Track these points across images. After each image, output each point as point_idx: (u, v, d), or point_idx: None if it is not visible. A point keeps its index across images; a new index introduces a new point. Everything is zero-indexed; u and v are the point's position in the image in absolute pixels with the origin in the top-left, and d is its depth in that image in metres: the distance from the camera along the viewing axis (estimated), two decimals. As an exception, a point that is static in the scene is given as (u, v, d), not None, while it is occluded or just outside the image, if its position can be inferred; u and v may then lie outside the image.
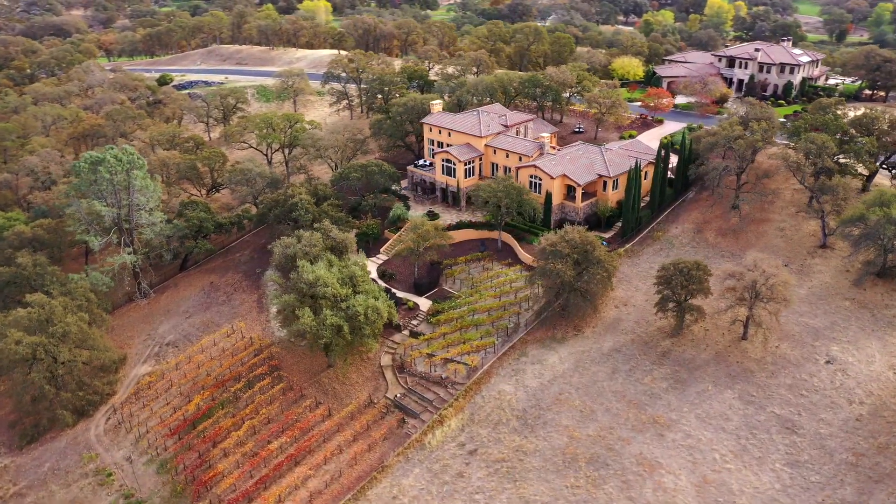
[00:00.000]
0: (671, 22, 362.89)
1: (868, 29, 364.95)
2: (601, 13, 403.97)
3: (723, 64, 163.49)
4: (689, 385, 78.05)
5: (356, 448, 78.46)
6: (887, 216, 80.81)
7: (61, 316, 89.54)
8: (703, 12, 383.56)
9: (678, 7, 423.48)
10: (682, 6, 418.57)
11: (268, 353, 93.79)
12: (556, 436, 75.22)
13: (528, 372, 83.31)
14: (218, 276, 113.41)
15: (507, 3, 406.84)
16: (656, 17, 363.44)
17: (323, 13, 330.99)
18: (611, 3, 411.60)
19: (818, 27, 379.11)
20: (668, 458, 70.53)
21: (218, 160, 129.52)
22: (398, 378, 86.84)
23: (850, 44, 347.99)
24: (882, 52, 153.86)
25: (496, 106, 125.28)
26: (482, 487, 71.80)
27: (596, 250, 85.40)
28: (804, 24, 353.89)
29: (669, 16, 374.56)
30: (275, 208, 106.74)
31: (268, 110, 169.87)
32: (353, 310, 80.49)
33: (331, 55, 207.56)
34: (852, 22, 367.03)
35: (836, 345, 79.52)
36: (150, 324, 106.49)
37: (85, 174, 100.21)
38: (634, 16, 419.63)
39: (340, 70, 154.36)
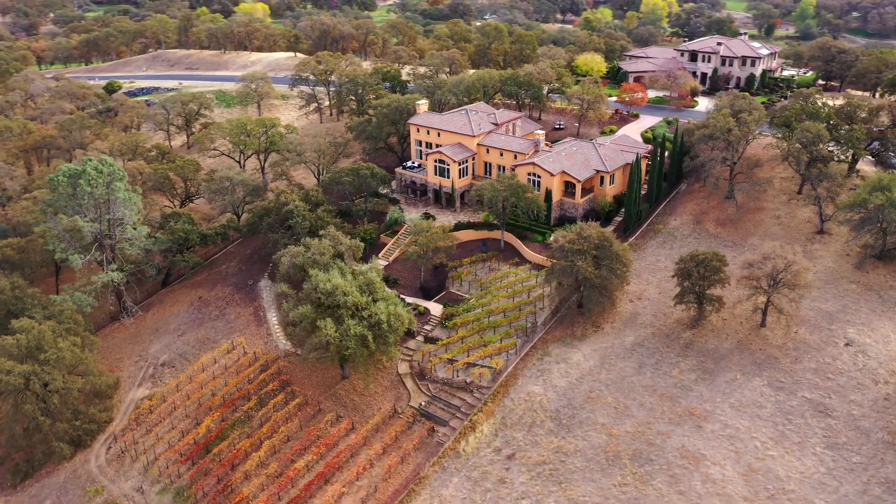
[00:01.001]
0: (610, 19, 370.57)
1: (794, 23, 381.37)
2: (539, 11, 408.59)
3: (685, 58, 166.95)
4: (718, 375, 78.68)
5: (388, 461, 75.80)
6: (890, 200, 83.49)
7: (51, 341, 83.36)
8: (639, 10, 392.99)
9: (612, 5, 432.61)
10: (616, 4, 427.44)
11: (276, 367, 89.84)
12: (594, 434, 74.50)
13: (555, 371, 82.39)
14: (206, 290, 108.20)
15: (446, 3, 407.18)
16: (595, 15, 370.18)
17: (261, 16, 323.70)
18: (549, 2, 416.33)
19: (746, 22, 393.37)
20: (711, 450, 70.76)
21: (191, 169, 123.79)
22: (419, 386, 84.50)
23: (779, 38, 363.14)
24: (836, 44, 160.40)
25: (481, 104, 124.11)
26: (527, 492, 70.41)
27: (613, 245, 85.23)
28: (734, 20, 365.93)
29: (608, 13, 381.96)
30: (267, 216, 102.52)
31: (231, 116, 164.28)
32: (375, 317, 77.76)
33: (287, 57, 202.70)
34: (779, 17, 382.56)
35: (851, 327, 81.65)
36: (139, 344, 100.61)
37: (63, 188, 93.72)
38: (572, 14, 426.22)
39: (309, 72, 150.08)
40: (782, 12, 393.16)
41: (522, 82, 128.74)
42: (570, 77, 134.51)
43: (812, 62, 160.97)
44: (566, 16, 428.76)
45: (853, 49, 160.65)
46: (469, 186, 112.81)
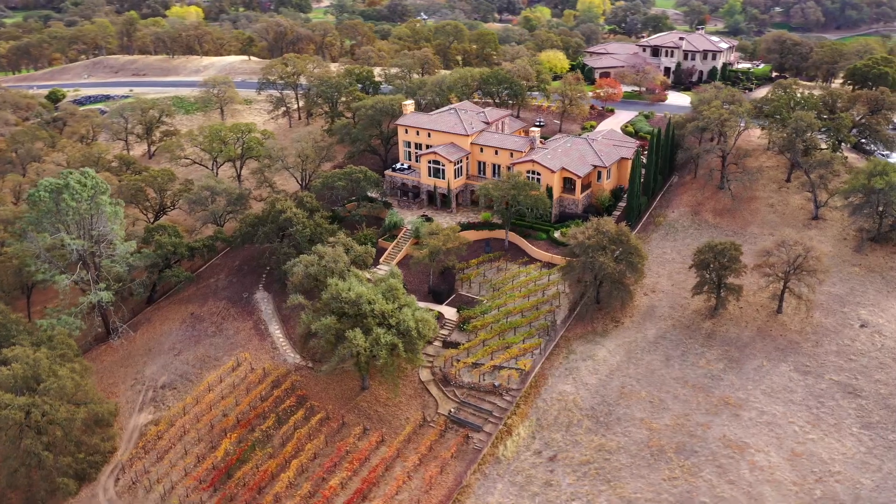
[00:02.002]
0: (549, 17, 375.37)
1: (723, 19, 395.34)
2: (478, 11, 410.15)
3: (647, 54, 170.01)
4: (744, 363, 79.69)
5: (427, 472, 73.46)
6: (890, 183, 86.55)
7: (48, 369, 77.29)
8: (575, 7, 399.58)
9: (548, 3, 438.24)
10: (552, 2, 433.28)
11: (290, 382, 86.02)
12: (634, 430, 74.19)
13: (583, 369, 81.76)
14: (197, 305, 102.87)
15: (384, 3, 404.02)
16: (534, 14, 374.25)
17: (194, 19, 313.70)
18: (487, 2, 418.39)
19: (678, 18, 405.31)
20: (752, 437, 71.45)
21: (165, 179, 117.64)
22: (445, 392, 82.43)
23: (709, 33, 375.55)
24: (791, 37, 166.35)
25: (466, 103, 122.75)
26: (576, 493, 69.42)
27: (630, 239, 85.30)
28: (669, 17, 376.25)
29: (547, 12, 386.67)
30: (262, 225, 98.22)
31: (192, 123, 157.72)
32: (404, 325, 75.29)
33: (241, 61, 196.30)
34: (708, 13, 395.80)
35: (862, 309, 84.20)
36: (132, 366, 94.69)
37: (45, 204, 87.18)
38: (509, 13, 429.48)
39: (276, 75, 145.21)
40: (710, 8, 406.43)
41: (503, 80, 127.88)
42: (548, 74, 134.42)
43: (768, 55, 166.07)
44: (503, 15, 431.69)
45: (807, 42, 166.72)
46: (463, 187, 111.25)
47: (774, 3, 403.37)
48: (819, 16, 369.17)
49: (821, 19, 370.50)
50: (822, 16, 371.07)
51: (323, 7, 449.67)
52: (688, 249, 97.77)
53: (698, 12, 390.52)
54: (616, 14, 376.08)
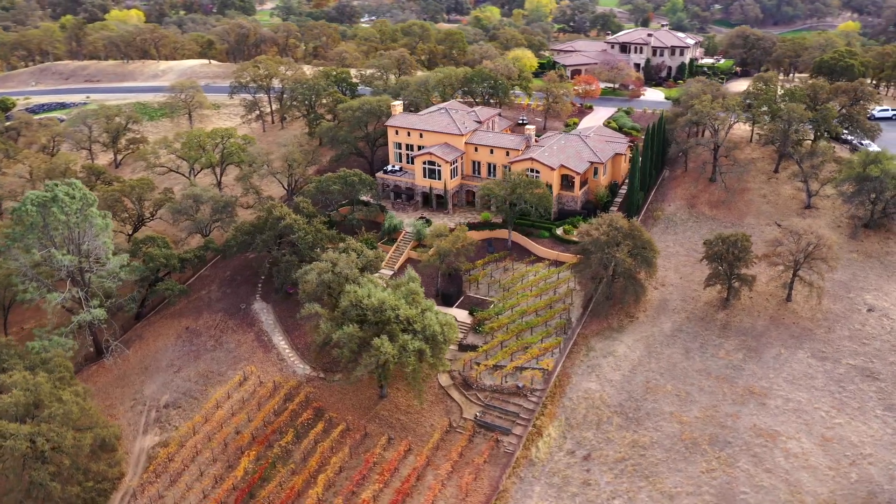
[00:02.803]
0: (498, 17, 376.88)
1: (666, 16, 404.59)
2: (426, 11, 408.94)
3: (616, 50, 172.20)
4: (762, 352, 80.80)
5: (461, 479, 71.88)
6: (885, 171, 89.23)
7: (49, 394, 72.48)
8: (523, 7, 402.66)
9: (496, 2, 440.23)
10: (499, 2, 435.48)
11: (303, 395, 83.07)
12: (665, 424, 74.26)
13: (605, 366, 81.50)
14: (191, 319, 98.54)
15: (332, 4, 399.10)
16: (484, 13, 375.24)
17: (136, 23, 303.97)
18: (435, 2, 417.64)
19: (622, 16, 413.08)
20: (782, 425, 72.39)
21: (145, 189, 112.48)
22: (467, 396, 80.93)
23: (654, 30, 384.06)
24: (754, 32, 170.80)
25: (454, 103, 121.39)
26: (616, 491, 68.98)
27: (643, 234, 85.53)
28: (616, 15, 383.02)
29: (496, 12, 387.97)
30: (260, 233, 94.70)
31: (157, 130, 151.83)
32: (430, 329, 73.49)
33: (201, 65, 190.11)
34: (652, 11, 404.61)
35: (867, 294, 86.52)
36: (128, 386, 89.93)
37: (33, 218, 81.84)
38: (457, 13, 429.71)
39: (249, 78, 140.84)
40: (654, 6, 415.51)
41: (487, 78, 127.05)
42: (529, 72, 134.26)
43: (732, 49, 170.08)
44: (451, 15, 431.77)
45: (769, 37, 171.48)
46: (458, 187, 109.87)
47: (714, 1, 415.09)
48: (757, 12, 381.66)
49: (759, 16, 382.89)
50: (760, 12, 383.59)
51: (267, 9, 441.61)
52: (689, 242, 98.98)
53: (642, 10, 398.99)
54: (564, 13, 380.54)
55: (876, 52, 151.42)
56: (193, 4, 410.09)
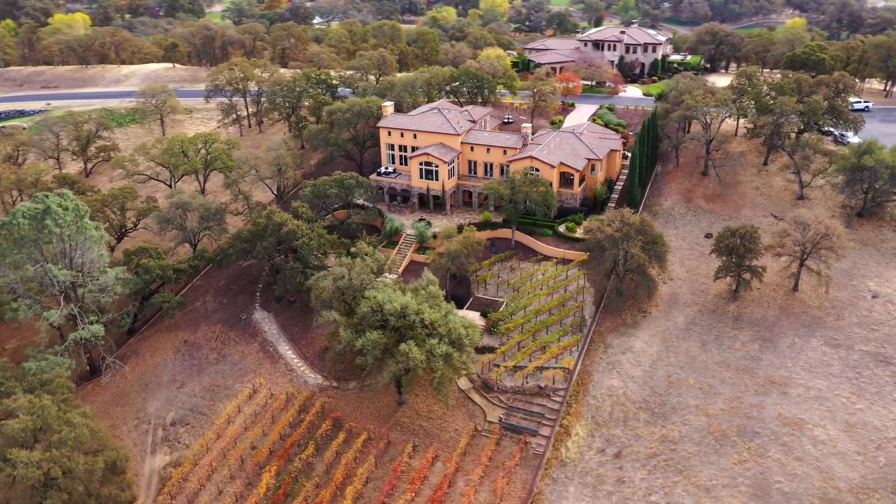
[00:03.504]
0: (455, 17, 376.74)
1: (619, 15, 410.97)
2: (381, 12, 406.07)
3: (588, 48, 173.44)
4: (777, 342, 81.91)
5: (494, 484, 70.65)
6: (879, 161, 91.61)
7: (57, 417, 68.49)
8: (478, 7, 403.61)
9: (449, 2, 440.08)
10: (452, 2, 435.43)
11: (319, 405, 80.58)
12: (692, 418, 74.51)
13: (625, 362, 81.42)
14: (189, 331, 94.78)
15: (285, 6, 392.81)
16: (441, 14, 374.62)
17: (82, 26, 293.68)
18: (388, 2, 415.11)
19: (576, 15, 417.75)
20: (806, 413, 73.40)
21: (128, 198, 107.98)
22: (488, 398, 79.75)
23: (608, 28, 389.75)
24: (723, 28, 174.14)
25: (442, 102, 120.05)
26: (652, 487, 68.80)
27: (654, 229, 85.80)
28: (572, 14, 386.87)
29: (452, 12, 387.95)
30: (260, 240, 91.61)
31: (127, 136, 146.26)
32: (455, 333, 72.08)
33: (166, 69, 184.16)
34: (605, 10, 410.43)
35: (870, 281, 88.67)
36: (129, 404, 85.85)
37: (25, 231, 77.26)
38: (411, 14, 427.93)
39: (225, 81, 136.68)
40: (605, 4, 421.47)
41: (474, 77, 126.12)
42: (512, 70, 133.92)
43: (701, 45, 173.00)
44: (405, 16, 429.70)
45: (737, 33, 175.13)
46: (455, 188, 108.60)
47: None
48: (706, 10, 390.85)
49: (708, 13, 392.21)
50: (708, 10, 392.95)
51: (216, 12, 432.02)
52: (691, 236, 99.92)
53: (595, 9, 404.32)
54: (520, 13, 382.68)
55: (840, 46, 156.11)
56: (139, 7, 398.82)
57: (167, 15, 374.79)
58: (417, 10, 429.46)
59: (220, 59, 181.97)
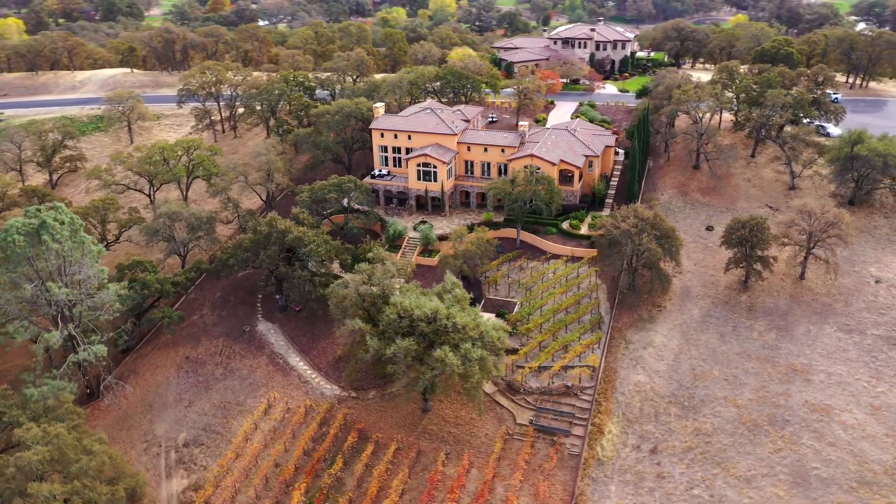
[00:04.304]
0: (405, 18, 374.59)
1: (565, 13, 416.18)
2: (329, 13, 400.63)
3: (559, 46, 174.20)
4: (792, 330, 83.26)
5: (534, 488, 69.49)
6: (872, 150, 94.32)
7: (73, 446, 64.10)
8: (427, 7, 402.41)
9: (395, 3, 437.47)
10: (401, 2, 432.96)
11: (342, 417, 77.89)
12: (722, 409, 74.93)
13: (647, 357, 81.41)
14: (189, 347, 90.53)
15: (229, 9, 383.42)
16: (391, 14, 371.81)
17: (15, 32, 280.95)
18: (336, 3, 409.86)
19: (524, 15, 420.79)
20: (831, 398, 74.71)
21: (111, 209, 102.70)
22: (515, 401, 78.52)
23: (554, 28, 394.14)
24: (688, 24, 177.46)
25: (432, 102, 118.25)
26: (693, 481, 68.82)
27: (666, 224, 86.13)
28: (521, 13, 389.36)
29: (402, 12, 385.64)
30: (264, 248, 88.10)
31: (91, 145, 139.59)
32: (488, 336, 70.63)
33: (124, 74, 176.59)
34: (552, 9, 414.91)
35: (871, 266, 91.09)
36: (135, 427, 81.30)
37: (21, 249, 72.09)
38: (358, 15, 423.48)
39: (198, 85, 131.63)
40: (552, 3, 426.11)
41: (460, 76, 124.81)
42: (495, 69, 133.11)
43: (668, 41, 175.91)
44: (353, 17, 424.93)
45: (701, 29, 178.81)
46: (453, 188, 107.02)
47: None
48: (651, 8, 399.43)
49: (652, 11, 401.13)
50: (652, 8, 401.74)
51: (156, 15, 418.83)
52: (692, 229, 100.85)
53: (542, 8, 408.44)
54: (470, 13, 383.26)
55: (803, 40, 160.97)
56: (73, 12, 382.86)
57: (104, 19, 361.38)
58: (365, 11, 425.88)
59: (180, 63, 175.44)
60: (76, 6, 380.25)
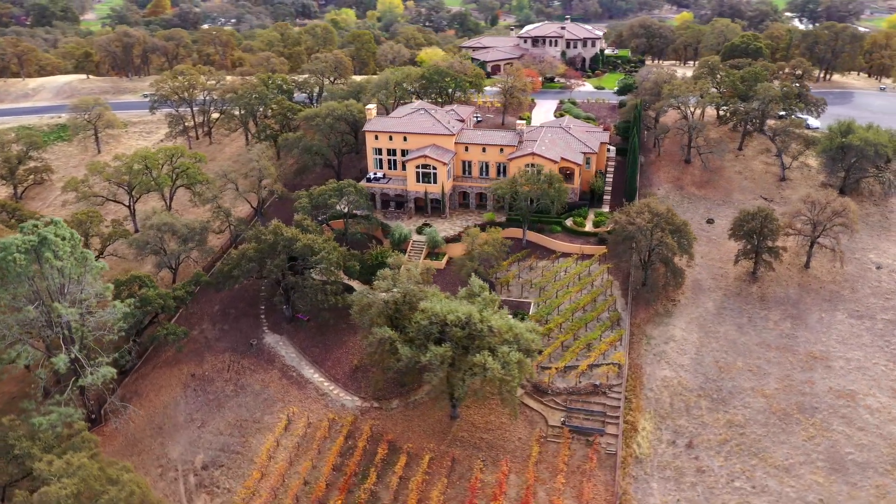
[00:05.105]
0: (355, 19, 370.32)
1: (513, 13, 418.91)
2: (275, 16, 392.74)
3: (528, 44, 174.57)
4: (805, 318, 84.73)
5: (577, 490, 68.48)
6: (864, 139, 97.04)
7: (98, 478, 59.88)
8: (375, 8, 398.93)
9: (339, 4, 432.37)
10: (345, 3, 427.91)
11: (368, 429, 75.29)
12: (751, 400, 75.53)
13: (670, 352, 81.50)
14: (193, 364, 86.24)
15: (170, 12, 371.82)
16: (340, 16, 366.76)
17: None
18: (281, 5, 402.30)
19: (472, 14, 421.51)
20: (854, 384, 76.21)
21: (95, 222, 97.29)
22: (543, 402, 77.42)
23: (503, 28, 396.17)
24: (654, 22, 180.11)
25: (422, 102, 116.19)
26: (733, 473, 69.06)
27: (677, 219, 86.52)
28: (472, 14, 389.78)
29: (351, 14, 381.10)
30: (271, 258, 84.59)
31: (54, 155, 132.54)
32: (523, 339, 69.27)
33: (80, 80, 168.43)
34: (500, 8, 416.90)
35: (870, 253, 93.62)
36: (146, 452, 76.80)
37: (22, 269, 67.01)
38: (304, 17, 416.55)
39: (169, 89, 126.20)
40: (499, 3, 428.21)
41: (446, 76, 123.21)
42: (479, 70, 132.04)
43: (635, 39, 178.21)
44: (299, 19, 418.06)
45: (667, 26, 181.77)
46: (451, 190, 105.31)
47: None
48: (597, 7, 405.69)
49: (598, 10, 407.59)
50: (598, 7, 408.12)
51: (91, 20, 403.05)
52: (693, 222, 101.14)
53: (490, 8, 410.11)
54: (420, 13, 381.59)
55: (766, 35, 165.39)
56: (2, 17, 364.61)
57: (36, 24, 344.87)
58: (310, 13, 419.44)
59: (140, 68, 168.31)
60: (5, 11, 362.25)
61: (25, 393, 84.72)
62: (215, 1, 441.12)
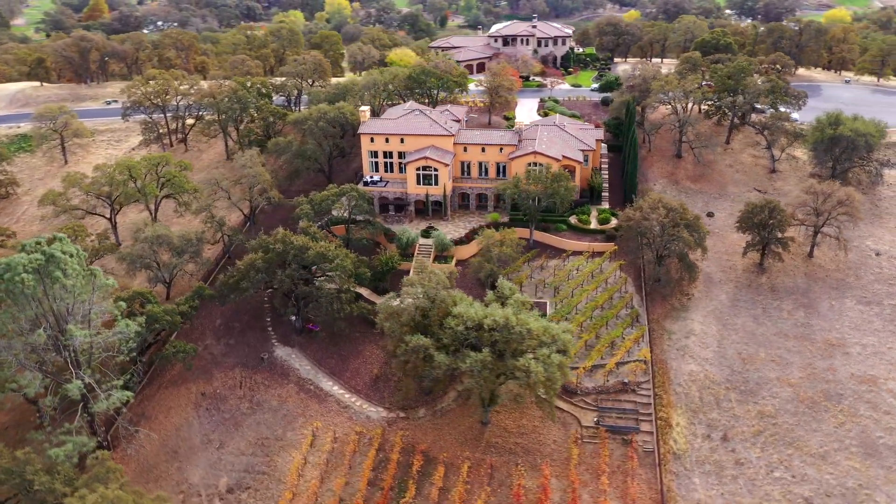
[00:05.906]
0: (303, 21, 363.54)
1: (461, 14, 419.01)
2: (222, 19, 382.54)
3: (499, 43, 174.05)
4: (816, 306, 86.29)
5: (623, 490, 67.75)
6: (854, 130, 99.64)
7: (132, 509, 56.07)
8: (323, 9, 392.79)
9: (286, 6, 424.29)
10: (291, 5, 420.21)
11: (399, 440, 72.89)
12: (778, 390, 76.30)
13: (692, 346, 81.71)
14: (202, 382, 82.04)
15: (108, 16, 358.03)
16: (289, 17, 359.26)
17: None
18: (228, 8, 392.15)
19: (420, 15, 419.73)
20: (875, 369, 77.87)
21: (80, 236, 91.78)
22: (574, 403, 76.49)
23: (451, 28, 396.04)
24: (621, 20, 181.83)
25: (413, 103, 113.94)
26: (771, 463, 69.55)
27: (688, 213, 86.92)
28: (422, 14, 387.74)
29: (300, 16, 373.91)
30: (281, 268, 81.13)
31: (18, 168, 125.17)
32: (560, 340, 68.15)
33: (33, 87, 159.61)
34: (449, 9, 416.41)
35: (867, 240, 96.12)
36: (163, 477, 72.46)
37: (30, 289, 62.10)
38: (249, 20, 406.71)
39: (140, 95, 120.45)
40: (448, 3, 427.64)
41: (433, 75, 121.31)
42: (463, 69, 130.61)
43: (603, 37, 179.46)
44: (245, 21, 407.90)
45: (634, 24, 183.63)
46: (452, 191, 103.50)
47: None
48: (544, 6, 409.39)
49: (545, 9, 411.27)
50: (545, 6, 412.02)
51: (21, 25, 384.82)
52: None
53: (439, 9, 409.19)
54: (370, 15, 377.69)
55: (732, 30, 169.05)
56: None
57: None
58: (256, 15, 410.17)
59: (98, 73, 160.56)
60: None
61: (19, 422, 79.70)
62: (153, 4, 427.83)
